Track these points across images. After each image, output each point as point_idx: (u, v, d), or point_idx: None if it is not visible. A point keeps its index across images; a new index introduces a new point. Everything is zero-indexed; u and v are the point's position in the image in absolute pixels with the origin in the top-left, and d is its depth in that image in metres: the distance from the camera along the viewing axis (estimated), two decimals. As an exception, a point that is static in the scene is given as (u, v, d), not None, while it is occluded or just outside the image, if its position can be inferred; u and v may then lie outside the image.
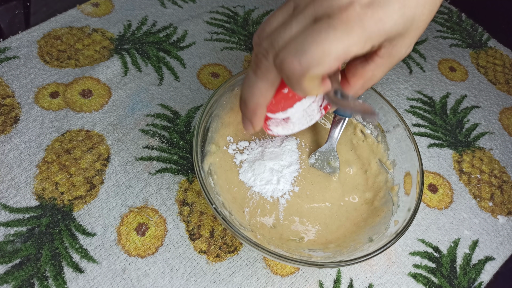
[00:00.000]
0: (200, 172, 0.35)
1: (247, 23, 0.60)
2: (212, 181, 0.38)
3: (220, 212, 0.33)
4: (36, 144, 0.44)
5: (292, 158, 0.42)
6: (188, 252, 0.39)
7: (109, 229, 0.39)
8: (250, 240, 0.32)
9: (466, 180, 0.48)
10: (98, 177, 0.42)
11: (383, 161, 0.42)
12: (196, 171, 0.35)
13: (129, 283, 0.37)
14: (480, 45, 0.64)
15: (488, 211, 0.46)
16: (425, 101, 0.55)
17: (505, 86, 0.59)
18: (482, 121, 0.54)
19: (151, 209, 0.41)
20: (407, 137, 0.39)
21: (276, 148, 0.43)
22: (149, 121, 0.47)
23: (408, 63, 0.59)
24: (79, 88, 0.48)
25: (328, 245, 0.38)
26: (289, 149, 0.43)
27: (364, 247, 0.35)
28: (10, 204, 0.39)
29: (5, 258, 0.36)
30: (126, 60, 0.52)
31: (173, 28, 0.56)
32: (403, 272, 0.41)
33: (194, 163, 0.35)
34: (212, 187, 0.37)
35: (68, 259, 0.37)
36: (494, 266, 0.43)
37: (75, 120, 0.46)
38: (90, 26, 0.55)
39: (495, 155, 0.51)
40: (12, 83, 0.48)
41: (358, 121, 0.45)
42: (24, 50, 0.51)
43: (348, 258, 0.33)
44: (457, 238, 0.44)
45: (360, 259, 0.32)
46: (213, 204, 0.33)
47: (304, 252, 0.36)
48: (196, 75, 0.52)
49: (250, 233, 0.36)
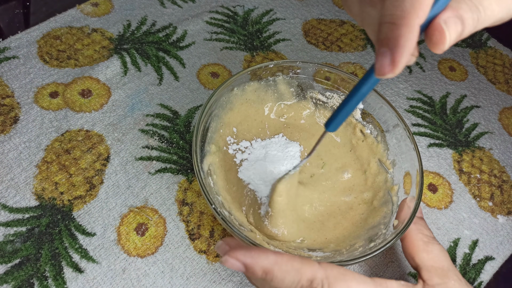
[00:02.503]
0: (200, 172, 0.35)
1: (247, 23, 0.59)
2: (211, 181, 0.38)
3: (220, 212, 0.33)
4: (36, 144, 0.44)
5: (293, 165, 0.42)
6: (188, 252, 0.39)
7: (109, 229, 0.39)
8: (250, 240, 0.32)
9: (466, 180, 0.48)
10: (97, 177, 0.42)
11: (383, 161, 0.42)
12: (196, 171, 0.35)
13: (129, 283, 0.37)
14: (480, 45, 0.64)
15: (488, 211, 0.46)
16: (425, 100, 0.55)
17: (505, 86, 0.59)
18: (481, 120, 0.54)
19: (151, 209, 0.41)
20: (407, 136, 0.39)
21: (279, 152, 0.43)
22: (149, 121, 0.47)
23: (408, 63, 0.59)
24: (79, 88, 0.48)
25: (328, 245, 0.38)
26: (292, 156, 0.43)
27: (364, 247, 0.35)
28: (9, 204, 0.39)
29: (4, 258, 0.36)
30: (126, 60, 0.52)
31: (173, 28, 0.56)
32: (402, 272, 0.41)
33: (194, 163, 0.35)
34: (211, 187, 0.37)
35: (67, 259, 0.37)
36: (494, 266, 0.43)
37: (75, 120, 0.46)
38: (90, 26, 0.55)
39: (495, 154, 0.51)
40: (12, 83, 0.48)
41: (357, 121, 0.45)
42: (24, 50, 0.51)
43: (347, 258, 0.33)
44: (456, 238, 0.44)
45: (360, 259, 0.32)
46: (212, 204, 0.33)
47: (303, 252, 0.36)
48: (196, 75, 0.52)
49: (249, 233, 0.36)
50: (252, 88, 0.43)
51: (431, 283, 0.32)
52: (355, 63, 0.57)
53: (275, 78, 0.44)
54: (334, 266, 0.29)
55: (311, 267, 0.28)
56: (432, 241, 0.35)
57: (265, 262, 0.28)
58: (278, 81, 0.44)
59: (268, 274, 0.28)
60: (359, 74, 0.56)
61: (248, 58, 0.55)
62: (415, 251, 0.34)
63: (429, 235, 0.35)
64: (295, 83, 0.45)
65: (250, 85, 0.43)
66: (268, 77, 0.44)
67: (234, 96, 0.42)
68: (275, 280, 0.28)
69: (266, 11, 0.62)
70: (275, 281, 0.28)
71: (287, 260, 0.28)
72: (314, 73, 0.44)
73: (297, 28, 0.60)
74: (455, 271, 0.33)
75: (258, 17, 0.61)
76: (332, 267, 0.29)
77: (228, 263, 0.28)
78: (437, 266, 0.33)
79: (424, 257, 0.34)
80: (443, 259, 0.34)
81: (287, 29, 0.60)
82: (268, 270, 0.28)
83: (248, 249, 0.28)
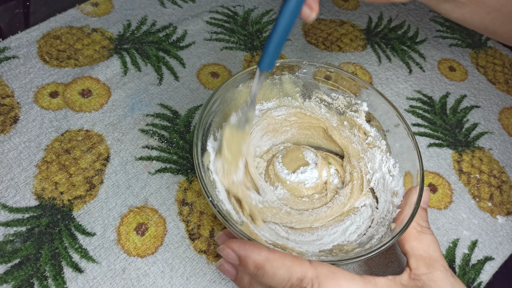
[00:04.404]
0: (199, 166, 0.34)
1: (247, 22, 0.59)
2: (211, 175, 0.37)
3: (216, 205, 0.33)
4: (36, 144, 0.44)
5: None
6: (188, 252, 0.39)
7: (109, 229, 0.39)
8: (245, 235, 0.32)
9: (465, 180, 0.48)
10: (97, 177, 0.42)
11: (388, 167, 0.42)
12: (195, 165, 0.34)
13: (128, 283, 0.37)
14: (479, 45, 0.64)
15: (487, 211, 0.46)
16: (425, 100, 0.55)
17: (505, 86, 0.59)
18: (481, 121, 0.54)
19: (151, 209, 0.41)
20: (408, 136, 0.39)
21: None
22: (149, 120, 0.47)
23: (408, 63, 0.59)
24: (79, 88, 0.48)
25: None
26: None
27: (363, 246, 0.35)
28: (9, 204, 0.39)
29: (4, 258, 0.36)
30: (126, 60, 0.52)
31: (173, 27, 0.56)
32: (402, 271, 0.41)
33: (194, 157, 0.35)
34: (211, 181, 0.37)
35: (67, 259, 0.37)
36: (493, 266, 0.43)
37: (75, 120, 0.46)
38: (90, 26, 0.55)
39: (495, 155, 0.51)
40: (12, 82, 0.48)
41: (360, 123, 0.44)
42: (24, 49, 0.51)
43: (348, 257, 0.33)
44: (456, 238, 0.44)
45: (360, 258, 0.32)
46: (209, 197, 0.33)
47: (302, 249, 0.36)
48: (196, 74, 0.52)
49: (245, 228, 0.35)
50: None
51: (417, 272, 0.33)
52: (355, 63, 0.58)
53: (281, 77, 0.44)
54: (325, 265, 0.29)
55: (302, 265, 0.29)
56: (426, 231, 0.35)
57: (257, 257, 0.29)
58: (284, 80, 0.44)
59: (259, 270, 0.29)
60: (359, 74, 0.56)
61: (248, 58, 0.55)
62: (407, 238, 0.35)
63: (424, 225, 0.36)
64: (301, 82, 0.45)
65: None
66: (274, 75, 0.43)
67: (239, 93, 0.42)
68: (266, 276, 0.29)
69: (266, 11, 0.62)
70: (265, 277, 0.29)
71: (278, 257, 0.29)
72: (320, 73, 0.44)
73: (297, 28, 0.60)
74: (443, 262, 0.33)
75: (258, 17, 0.61)
76: (322, 265, 0.29)
77: (224, 252, 0.30)
78: (425, 255, 0.33)
79: (414, 245, 0.34)
80: (432, 249, 0.34)
81: (287, 29, 0.60)
82: (259, 265, 0.29)
83: (244, 242, 0.30)
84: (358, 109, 0.43)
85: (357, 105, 0.43)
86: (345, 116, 0.44)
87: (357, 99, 0.43)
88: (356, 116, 0.43)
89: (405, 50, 0.60)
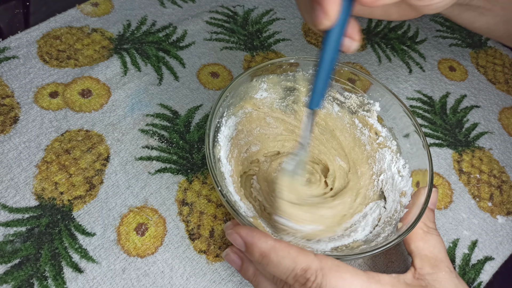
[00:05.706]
0: (210, 156, 0.34)
1: (247, 22, 0.59)
2: (221, 166, 0.38)
3: (225, 195, 0.33)
4: (36, 144, 0.44)
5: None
6: (187, 252, 0.39)
7: (109, 229, 0.39)
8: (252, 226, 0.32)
9: (465, 180, 0.48)
10: (97, 177, 0.42)
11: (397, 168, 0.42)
12: (206, 155, 0.34)
13: (128, 283, 0.37)
14: (479, 45, 0.64)
15: (487, 211, 0.46)
16: (425, 100, 0.55)
17: (505, 86, 0.59)
18: (481, 120, 0.54)
19: (151, 209, 0.41)
20: (419, 137, 0.39)
21: None
22: (149, 121, 0.47)
23: (408, 63, 0.59)
24: (79, 88, 0.48)
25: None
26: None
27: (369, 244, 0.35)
28: (9, 204, 0.39)
29: (4, 258, 0.36)
30: (126, 60, 0.52)
31: (173, 27, 0.56)
32: (402, 272, 0.41)
33: (205, 147, 0.35)
34: (221, 173, 0.37)
35: (67, 259, 0.37)
36: (493, 266, 0.43)
37: (75, 120, 0.46)
38: (90, 26, 0.55)
39: (495, 155, 0.51)
40: (12, 83, 0.48)
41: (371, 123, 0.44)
42: (24, 50, 0.51)
43: (353, 252, 0.33)
44: (456, 238, 0.44)
45: (365, 254, 0.32)
46: (218, 187, 0.33)
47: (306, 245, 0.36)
48: (196, 74, 0.52)
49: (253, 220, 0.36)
50: (271, 81, 0.43)
51: (422, 272, 0.33)
52: (355, 63, 0.58)
53: (295, 74, 0.44)
54: (329, 258, 0.30)
55: (307, 257, 0.29)
56: (432, 231, 0.35)
57: (263, 245, 0.29)
58: (298, 77, 0.44)
59: (264, 258, 0.29)
60: (359, 74, 0.56)
61: (248, 58, 0.55)
62: (413, 238, 0.35)
63: (430, 226, 0.36)
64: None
65: (270, 78, 0.43)
66: (288, 72, 0.43)
67: (252, 87, 0.42)
68: (271, 264, 0.29)
69: (266, 11, 0.62)
70: (270, 265, 0.29)
71: (284, 247, 0.29)
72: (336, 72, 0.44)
73: (297, 28, 0.60)
74: (448, 263, 0.34)
75: (258, 17, 0.61)
76: (327, 259, 0.29)
77: (232, 236, 0.31)
78: (431, 256, 0.34)
79: (420, 245, 0.34)
80: (438, 250, 0.34)
81: (287, 29, 0.60)
82: (265, 254, 0.29)
83: (252, 229, 0.30)
84: (370, 108, 0.43)
85: (369, 104, 0.43)
86: (357, 115, 0.44)
87: (370, 98, 0.43)
88: (368, 116, 0.43)
89: (405, 50, 0.60)
